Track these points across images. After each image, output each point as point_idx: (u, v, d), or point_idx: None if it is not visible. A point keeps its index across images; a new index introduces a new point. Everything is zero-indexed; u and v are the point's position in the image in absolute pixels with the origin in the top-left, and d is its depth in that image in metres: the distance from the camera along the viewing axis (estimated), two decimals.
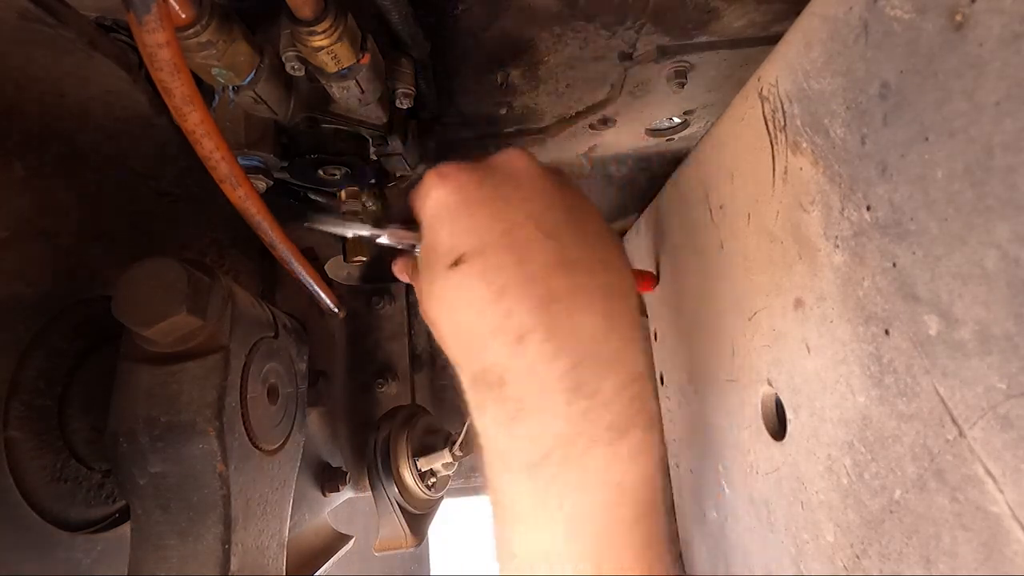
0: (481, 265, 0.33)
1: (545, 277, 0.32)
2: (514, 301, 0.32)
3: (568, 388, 0.31)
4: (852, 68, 0.33)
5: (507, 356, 0.32)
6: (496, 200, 0.35)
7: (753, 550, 0.51)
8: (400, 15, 0.46)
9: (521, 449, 0.32)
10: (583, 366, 0.31)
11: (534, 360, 0.31)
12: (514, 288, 0.32)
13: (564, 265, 0.33)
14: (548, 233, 0.33)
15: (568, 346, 0.31)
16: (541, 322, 0.31)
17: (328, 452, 0.81)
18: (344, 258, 0.67)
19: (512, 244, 0.33)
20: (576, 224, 0.34)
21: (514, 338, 0.31)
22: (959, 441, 0.28)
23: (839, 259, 0.36)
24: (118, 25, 0.44)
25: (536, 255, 0.33)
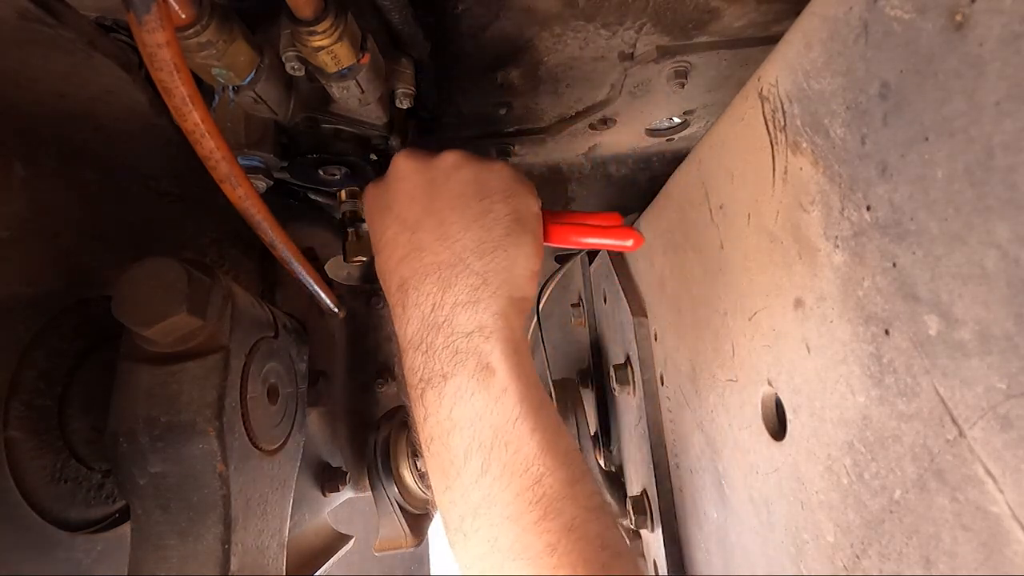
0: (379, 256, 0.49)
1: (399, 261, 0.47)
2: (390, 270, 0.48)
3: (419, 330, 0.45)
4: (852, 68, 0.33)
5: (398, 293, 0.47)
6: (377, 213, 0.50)
7: (753, 550, 0.51)
8: (400, 15, 0.46)
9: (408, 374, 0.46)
10: (424, 323, 0.45)
11: (401, 312, 0.47)
12: (391, 269, 0.47)
13: (415, 250, 0.46)
14: (408, 228, 0.47)
15: (415, 313, 0.45)
16: (406, 287, 0.46)
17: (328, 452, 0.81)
18: (344, 258, 0.67)
19: (388, 243, 0.48)
20: (435, 215, 0.47)
21: (397, 287, 0.47)
22: (959, 441, 0.28)
23: (839, 259, 0.36)
24: (118, 25, 0.44)
25: (399, 248, 0.47)
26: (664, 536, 0.72)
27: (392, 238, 0.48)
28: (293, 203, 0.68)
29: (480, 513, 0.41)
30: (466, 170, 0.47)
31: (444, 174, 0.47)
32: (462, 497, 0.42)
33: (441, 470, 0.43)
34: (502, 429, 0.42)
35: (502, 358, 0.43)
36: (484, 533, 0.41)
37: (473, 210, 0.46)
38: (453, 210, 0.46)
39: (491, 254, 0.45)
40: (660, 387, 0.74)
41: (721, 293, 0.53)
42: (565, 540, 0.39)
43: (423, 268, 0.45)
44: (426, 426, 0.44)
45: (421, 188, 0.48)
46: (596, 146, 0.82)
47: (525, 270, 0.46)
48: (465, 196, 0.46)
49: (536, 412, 0.42)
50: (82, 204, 0.45)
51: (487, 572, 0.40)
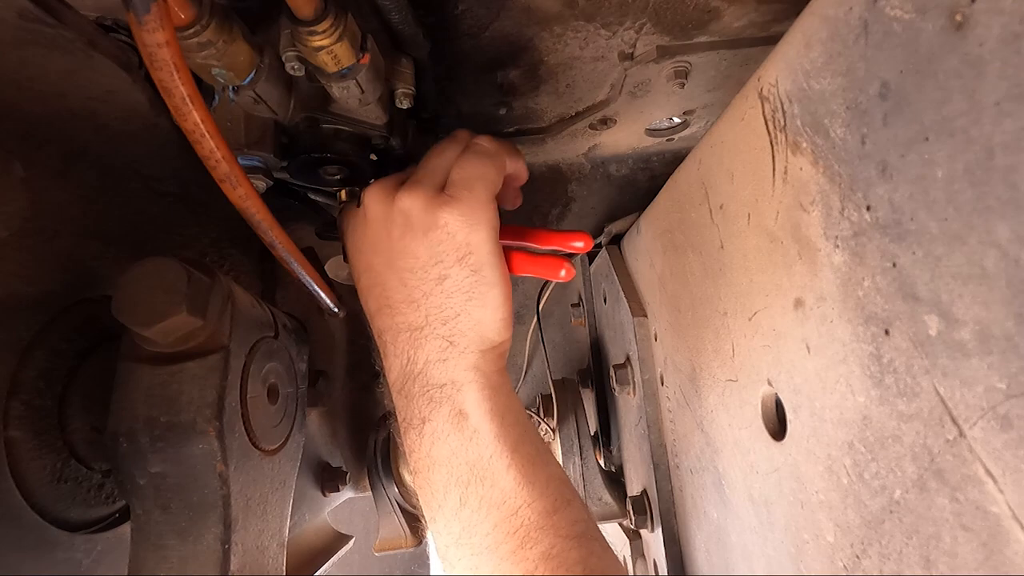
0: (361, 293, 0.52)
1: (375, 312, 0.50)
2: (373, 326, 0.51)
3: (393, 389, 0.49)
4: (852, 68, 0.33)
5: (379, 340, 0.50)
6: (354, 248, 0.52)
7: (753, 550, 0.51)
8: (400, 15, 0.46)
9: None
10: (402, 372, 0.48)
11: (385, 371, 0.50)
12: (371, 315, 0.51)
13: (386, 306, 0.48)
14: (377, 281, 0.49)
15: (395, 362, 0.48)
16: (381, 346, 0.50)
17: (328, 452, 0.81)
18: (344, 258, 0.67)
19: (363, 288, 0.51)
20: (397, 275, 0.48)
21: (378, 332, 0.50)
22: (959, 441, 0.28)
23: (839, 259, 0.36)
24: (118, 25, 0.44)
25: (372, 298, 0.50)
26: (664, 536, 0.73)
27: (367, 286, 0.50)
28: (293, 203, 0.68)
29: (462, 543, 0.43)
30: (416, 228, 0.46)
31: (399, 229, 0.47)
32: (445, 528, 0.45)
33: (426, 502, 0.46)
34: (477, 465, 0.44)
35: (475, 403, 0.45)
36: (466, 562, 0.43)
37: (431, 275, 0.46)
38: (412, 273, 0.47)
39: (455, 320, 0.46)
40: (660, 387, 0.74)
41: (721, 293, 0.53)
42: (543, 567, 0.41)
43: (395, 326, 0.48)
44: (411, 460, 0.47)
45: (383, 238, 0.48)
46: (596, 146, 0.82)
47: (493, 323, 0.46)
48: (420, 260, 0.46)
49: (513, 448, 0.44)
50: (82, 204, 0.45)
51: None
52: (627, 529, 0.87)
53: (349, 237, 0.52)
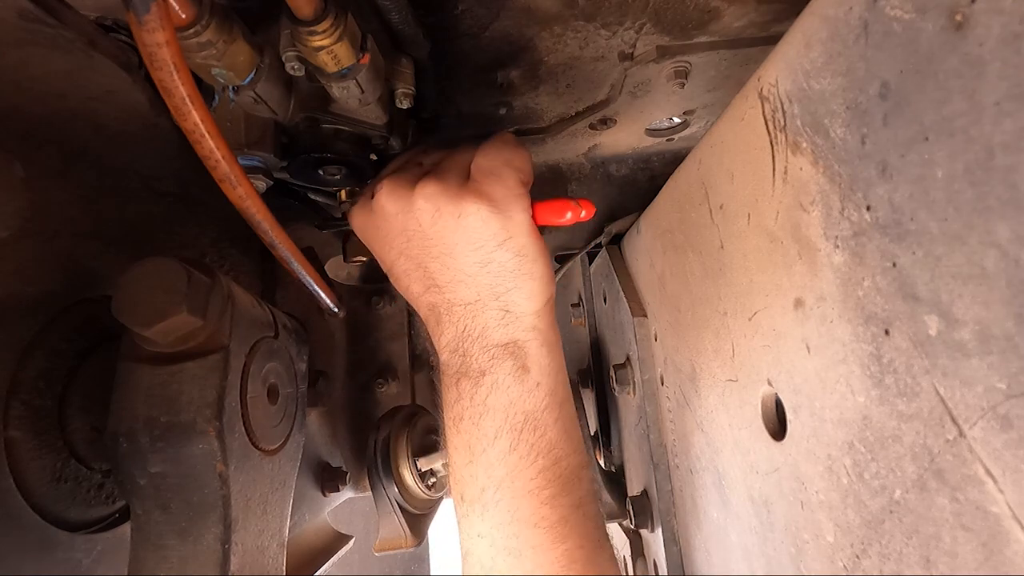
0: (393, 279, 0.55)
1: (420, 293, 0.52)
2: (419, 304, 0.53)
3: (446, 349, 0.51)
4: (852, 68, 0.33)
5: (429, 326, 0.53)
6: (379, 243, 0.53)
7: (753, 550, 0.51)
8: (400, 15, 0.46)
9: (442, 368, 0.52)
10: (459, 335, 0.50)
11: (433, 334, 0.53)
12: (414, 299, 0.53)
13: (431, 287, 0.51)
14: (414, 264, 0.51)
15: (442, 336, 0.51)
16: (432, 319, 0.52)
17: (328, 452, 0.81)
18: (344, 258, 0.67)
19: (400, 274, 0.53)
20: (426, 251, 0.50)
21: (427, 319, 0.53)
22: (959, 441, 0.28)
23: (839, 259, 0.36)
24: (118, 25, 0.44)
25: (415, 280, 0.52)
26: (664, 536, 0.72)
27: (404, 271, 0.52)
28: (293, 203, 0.68)
29: (503, 486, 0.46)
30: (445, 219, 0.48)
31: (429, 217, 0.48)
32: (485, 471, 0.47)
33: (467, 446, 0.48)
34: (532, 415, 0.47)
35: (536, 360, 0.49)
36: (505, 504, 0.46)
37: (473, 259, 0.49)
38: (452, 257, 0.49)
39: (507, 294, 0.49)
40: (660, 387, 0.74)
41: (721, 293, 0.53)
42: (574, 516, 0.46)
43: (446, 302, 0.50)
44: (456, 407, 0.49)
45: (413, 227, 0.50)
46: (596, 146, 0.82)
47: (543, 288, 0.50)
48: (457, 245, 0.48)
49: (560, 405, 0.49)
50: (82, 204, 0.45)
51: (507, 538, 0.46)
52: (627, 529, 0.87)
53: (366, 231, 0.54)
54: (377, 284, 1.02)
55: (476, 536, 0.47)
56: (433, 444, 0.81)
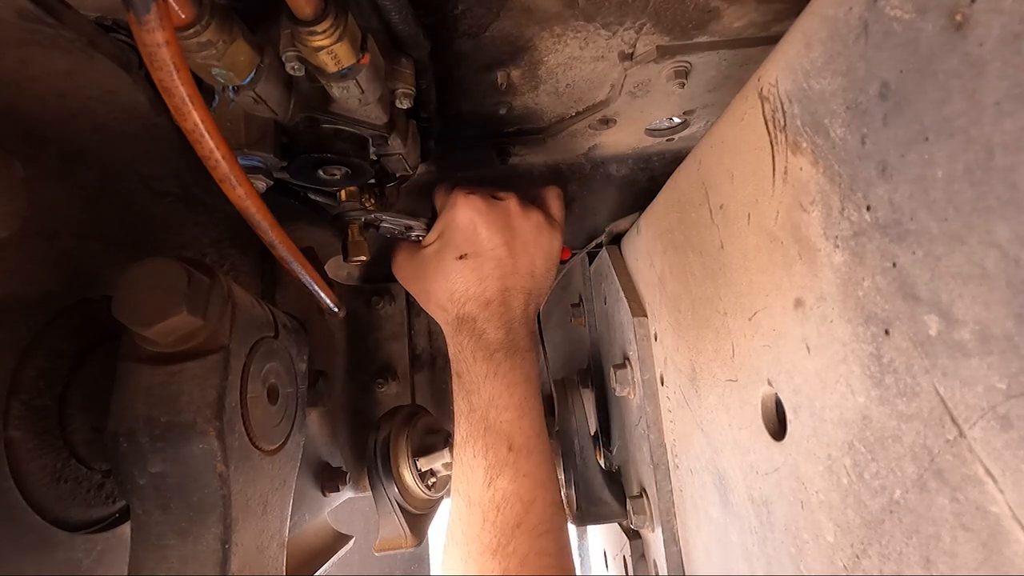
0: (474, 262, 0.65)
1: (502, 276, 0.65)
2: (488, 285, 0.65)
3: (504, 325, 0.64)
4: (852, 68, 0.33)
5: (479, 308, 0.64)
6: (491, 228, 0.65)
7: (753, 550, 0.51)
8: (400, 15, 0.46)
9: (482, 348, 0.63)
10: (513, 321, 0.65)
11: (492, 313, 0.64)
12: (489, 279, 0.65)
13: (513, 272, 0.66)
14: (510, 252, 0.66)
15: (505, 313, 0.65)
16: (498, 299, 0.65)
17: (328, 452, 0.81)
18: (344, 258, 0.67)
19: (492, 255, 0.65)
20: (524, 248, 0.67)
21: (484, 302, 0.65)
22: (959, 441, 0.28)
23: (839, 259, 0.36)
24: (118, 25, 0.44)
25: (503, 264, 0.65)
26: (664, 536, 0.72)
27: (497, 254, 0.65)
28: (293, 203, 0.68)
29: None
30: (542, 232, 0.68)
31: (533, 226, 0.67)
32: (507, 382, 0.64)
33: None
34: (532, 376, 0.65)
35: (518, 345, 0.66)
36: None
37: (552, 262, 0.69)
38: (533, 254, 0.67)
39: (538, 295, 0.69)
40: (660, 387, 0.74)
41: (721, 293, 0.53)
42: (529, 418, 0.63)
43: (515, 286, 0.66)
44: (511, 375, 0.63)
45: (521, 228, 0.67)
46: (596, 146, 0.82)
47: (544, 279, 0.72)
48: (543, 248, 0.68)
49: (526, 379, 0.65)
50: (82, 204, 0.45)
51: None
52: (627, 529, 0.87)
53: (488, 212, 0.66)
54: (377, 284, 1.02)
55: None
56: (433, 444, 0.81)
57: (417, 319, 1.03)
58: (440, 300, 0.66)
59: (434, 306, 0.68)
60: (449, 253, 0.65)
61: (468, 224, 0.65)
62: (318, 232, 0.75)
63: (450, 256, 0.65)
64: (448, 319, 0.66)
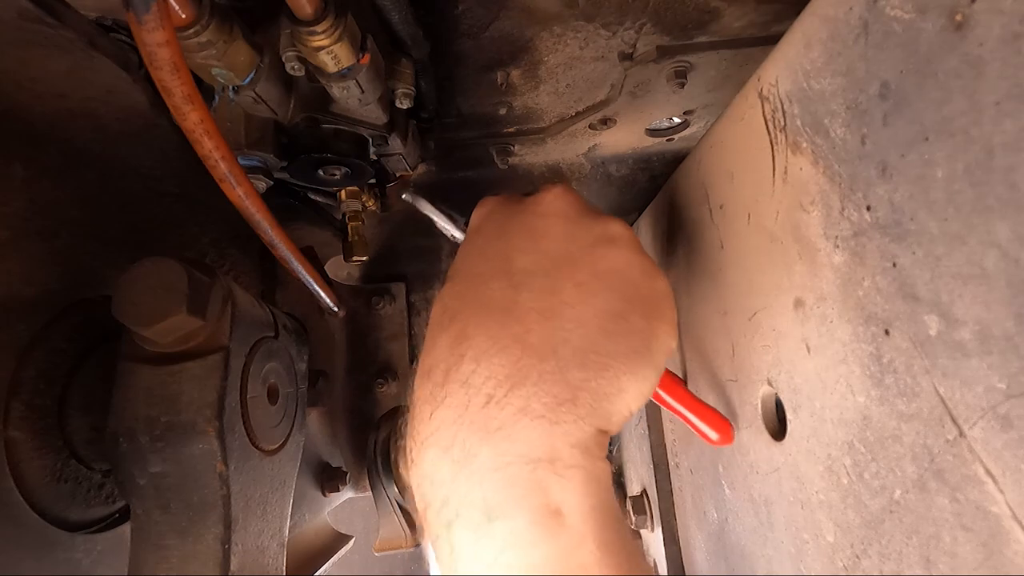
0: (449, 287, 0.39)
1: (474, 312, 0.36)
2: (454, 323, 0.36)
3: (472, 387, 0.34)
4: (852, 68, 0.33)
5: (447, 353, 0.35)
6: (486, 242, 0.40)
7: (753, 550, 0.51)
8: (400, 15, 0.46)
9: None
10: (465, 417, 0.33)
11: (457, 360, 0.35)
12: (455, 313, 0.37)
13: (503, 311, 0.35)
14: (510, 278, 0.37)
15: (457, 396, 0.34)
16: (453, 358, 0.35)
17: (328, 452, 0.81)
18: (344, 258, 0.67)
19: (472, 278, 0.38)
20: (550, 280, 0.36)
21: (450, 343, 0.35)
22: (959, 441, 0.28)
23: (839, 259, 0.36)
24: (118, 25, 0.44)
25: (482, 294, 0.37)
26: (664, 536, 0.72)
27: (480, 275, 0.38)
28: (293, 203, 0.68)
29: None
30: (623, 252, 0.38)
31: (596, 239, 0.38)
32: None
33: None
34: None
35: (578, 502, 0.32)
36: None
37: (604, 304, 0.35)
38: (579, 287, 0.36)
39: (596, 369, 0.34)
40: None
41: (721, 293, 0.53)
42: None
43: (501, 338, 0.34)
44: (455, 567, 0.33)
45: (557, 239, 0.38)
46: (596, 146, 0.82)
47: (626, 407, 0.36)
48: (604, 281, 0.36)
49: (617, 562, 0.32)
50: (82, 204, 0.45)
51: None
52: None
53: (494, 217, 0.43)
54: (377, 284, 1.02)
55: None
56: None
57: (417, 319, 1.03)
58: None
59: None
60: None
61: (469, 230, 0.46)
62: (318, 232, 0.75)
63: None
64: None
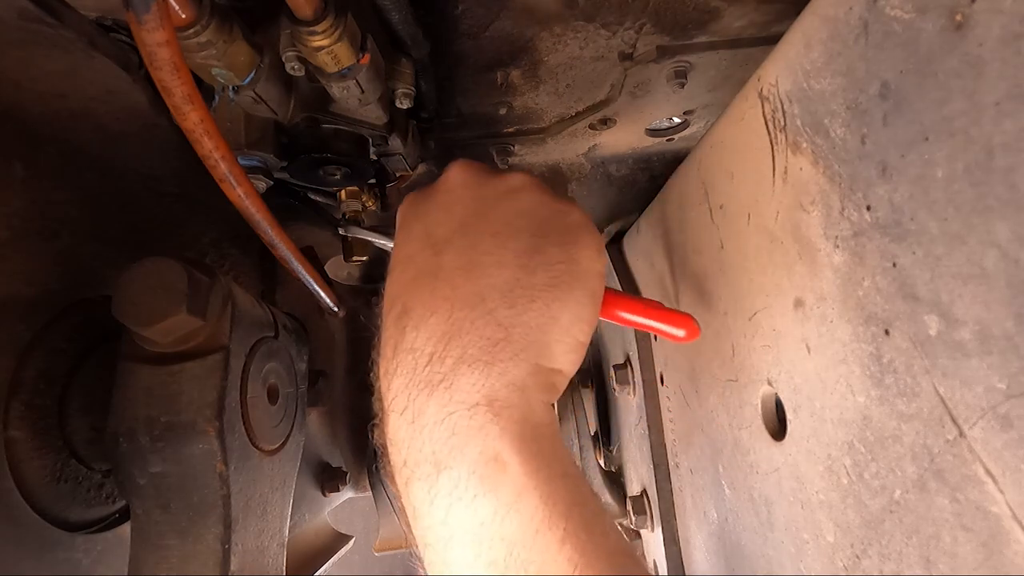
0: (387, 279, 0.40)
1: (406, 285, 0.38)
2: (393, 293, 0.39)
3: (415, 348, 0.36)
4: (852, 68, 0.33)
5: (393, 330, 0.38)
6: (409, 228, 0.41)
7: (753, 550, 0.51)
8: (400, 15, 0.46)
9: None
10: (414, 379, 0.35)
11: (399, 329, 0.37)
12: (394, 297, 0.39)
13: (429, 276, 0.37)
14: (432, 247, 0.38)
15: (406, 361, 0.36)
16: (405, 324, 0.37)
17: (328, 452, 0.81)
18: (344, 258, 0.67)
19: (403, 262, 0.40)
20: (469, 236, 0.38)
21: (395, 321, 0.38)
22: (959, 441, 0.28)
23: (839, 259, 0.36)
24: (118, 25, 0.44)
25: (411, 268, 0.39)
26: (664, 536, 0.72)
27: (408, 256, 0.39)
28: (293, 203, 0.68)
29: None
30: (528, 198, 0.39)
31: (500, 193, 0.39)
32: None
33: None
34: (518, 544, 0.31)
35: (518, 446, 0.32)
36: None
37: (520, 244, 0.36)
38: (495, 236, 0.37)
39: (524, 303, 0.35)
40: (660, 387, 0.74)
41: (721, 293, 0.53)
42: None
43: (433, 301, 0.36)
44: (417, 527, 0.34)
45: (466, 203, 0.39)
46: (596, 146, 0.81)
47: (566, 335, 0.36)
48: (515, 225, 0.37)
49: (566, 516, 0.31)
50: (82, 204, 0.45)
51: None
52: (627, 529, 0.87)
53: (412, 207, 0.43)
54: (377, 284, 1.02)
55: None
56: None
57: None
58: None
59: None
60: None
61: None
62: (318, 232, 0.75)
63: None
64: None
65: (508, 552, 0.31)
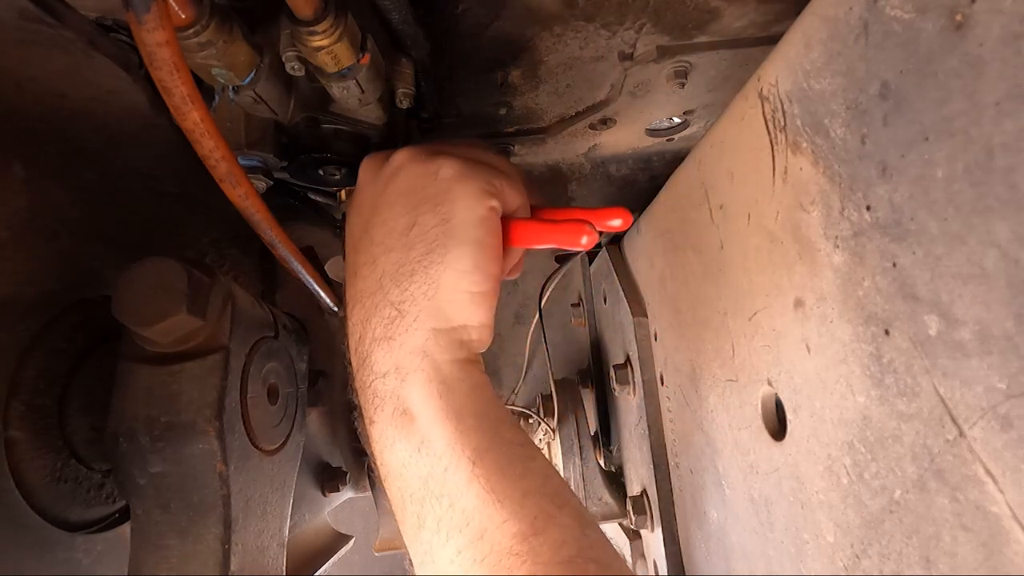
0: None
1: (347, 283, 0.45)
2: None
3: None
4: (852, 68, 0.33)
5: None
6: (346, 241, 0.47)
7: (753, 550, 0.51)
8: (400, 15, 0.46)
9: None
10: (355, 356, 0.42)
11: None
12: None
13: (351, 274, 0.44)
14: (351, 247, 0.45)
15: (351, 343, 0.43)
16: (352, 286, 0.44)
17: (328, 452, 0.81)
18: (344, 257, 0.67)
19: (351, 237, 0.46)
20: (368, 232, 0.43)
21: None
22: (959, 441, 0.28)
23: (839, 259, 0.36)
24: (118, 25, 0.44)
25: (346, 269, 0.46)
26: (664, 536, 0.72)
27: (346, 257, 0.46)
28: (293, 203, 0.68)
29: (425, 566, 0.37)
30: (404, 174, 0.42)
31: (386, 180, 0.43)
32: (410, 548, 0.39)
33: (397, 518, 0.41)
34: (430, 480, 0.37)
35: (423, 401, 0.38)
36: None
37: (400, 224, 0.40)
38: (383, 225, 0.41)
39: (408, 279, 0.39)
40: (660, 387, 0.74)
41: (721, 293, 0.53)
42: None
43: (353, 295, 0.42)
44: (375, 465, 0.41)
45: (367, 201, 0.44)
46: (596, 146, 0.82)
47: (455, 294, 0.39)
48: (396, 208, 0.41)
49: (475, 458, 0.37)
50: (82, 204, 0.45)
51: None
52: (627, 529, 0.87)
53: (349, 212, 0.49)
54: None
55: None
56: None
57: None
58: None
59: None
60: None
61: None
62: (318, 232, 0.75)
63: None
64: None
65: (424, 487, 0.37)
